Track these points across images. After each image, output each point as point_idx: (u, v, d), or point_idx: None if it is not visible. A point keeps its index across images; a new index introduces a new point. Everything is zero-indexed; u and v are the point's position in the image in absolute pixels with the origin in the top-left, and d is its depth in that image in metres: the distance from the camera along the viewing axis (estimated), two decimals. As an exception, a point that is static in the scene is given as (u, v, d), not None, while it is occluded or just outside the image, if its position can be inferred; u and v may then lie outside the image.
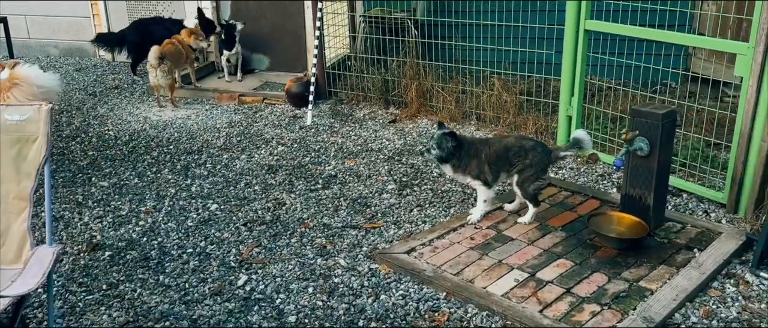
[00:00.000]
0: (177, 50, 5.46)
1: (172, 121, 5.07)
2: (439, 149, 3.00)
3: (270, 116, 5.16)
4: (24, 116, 2.16)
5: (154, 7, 6.55)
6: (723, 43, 3.54)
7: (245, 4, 6.18)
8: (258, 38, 6.20)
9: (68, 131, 4.85)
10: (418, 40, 5.04)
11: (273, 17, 6.15)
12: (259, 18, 6.16)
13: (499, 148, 3.05)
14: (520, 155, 3.04)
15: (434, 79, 4.88)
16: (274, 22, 6.16)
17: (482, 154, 3.02)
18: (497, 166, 3.04)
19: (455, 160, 3.01)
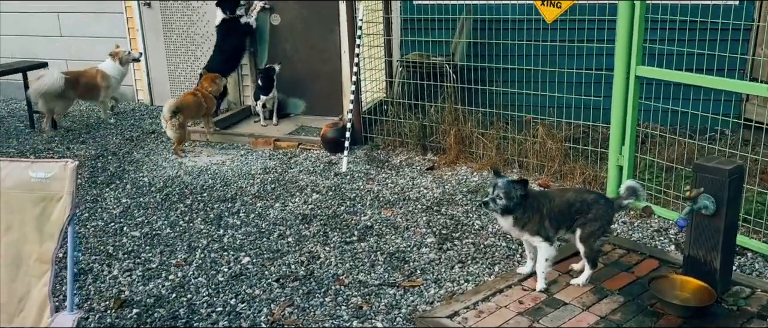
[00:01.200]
0: (197, 102, 5.36)
1: (207, 167, 5.00)
2: (506, 199, 2.70)
3: (305, 162, 5.05)
4: (49, 174, 2.06)
5: (192, 53, 6.59)
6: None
7: (282, 47, 6.15)
8: (294, 82, 6.15)
9: (103, 177, 4.81)
10: (456, 85, 4.90)
11: (310, 61, 6.10)
12: (296, 61, 6.12)
13: (561, 204, 2.83)
14: (583, 210, 2.83)
15: (474, 125, 4.71)
16: (311, 66, 6.11)
17: (544, 209, 2.80)
18: (557, 221, 2.83)
19: (520, 211, 2.76)
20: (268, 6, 6.01)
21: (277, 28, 6.10)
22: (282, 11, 6.05)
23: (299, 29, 6.07)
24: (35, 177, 2.06)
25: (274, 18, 5.94)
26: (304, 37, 6.07)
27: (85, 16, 6.82)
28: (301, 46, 6.11)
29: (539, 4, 4.02)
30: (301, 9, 5.98)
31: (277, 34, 6.14)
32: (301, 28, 6.05)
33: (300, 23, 6.04)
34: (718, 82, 3.39)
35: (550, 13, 4.01)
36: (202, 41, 6.52)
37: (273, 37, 6.15)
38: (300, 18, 6.03)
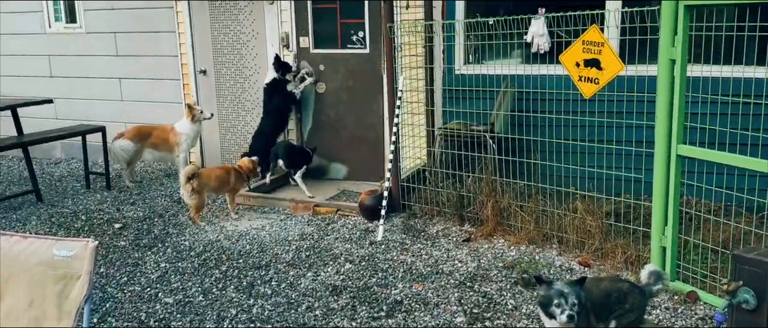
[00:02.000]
0: (223, 178, 5.43)
1: (246, 231, 5.08)
2: (580, 305, 2.53)
3: (342, 229, 5.06)
4: (71, 252, 2.13)
5: (242, 118, 6.82)
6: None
7: (326, 113, 6.28)
8: (337, 147, 6.27)
9: (147, 240, 4.95)
10: (496, 155, 4.85)
11: (353, 127, 6.20)
12: (340, 128, 6.24)
13: (599, 295, 2.73)
14: (620, 300, 2.72)
15: (512, 197, 4.63)
16: (354, 132, 6.20)
17: (588, 303, 2.69)
18: (597, 313, 2.72)
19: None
20: (314, 78, 6.19)
21: (322, 95, 6.26)
22: (328, 80, 6.22)
23: (344, 98, 6.19)
24: (58, 255, 2.14)
25: (319, 86, 6.12)
26: (348, 105, 6.19)
27: (145, 82, 7.19)
28: (345, 114, 6.23)
29: (577, 80, 3.98)
30: (347, 78, 6.14)
31: (322, 101, 6.29)
32: (346, 96, 6.17)
33: (344, 92, 6.17)
34: (762, 165, 3.23)
35: (588, 89, 3.95)
36: (252, 107, 6.75)
37: (318, 103, 6.31)
38: (344, 87, 6.16)
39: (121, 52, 7.21)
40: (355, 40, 6.01)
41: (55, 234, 5.11)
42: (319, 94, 6.24)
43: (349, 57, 6.07)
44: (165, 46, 6.98)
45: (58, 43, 7.50)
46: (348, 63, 6.09)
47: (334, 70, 6.16)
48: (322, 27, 6.16)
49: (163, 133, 6.45)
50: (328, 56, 6.16)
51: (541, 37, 4.71)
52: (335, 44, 6.10)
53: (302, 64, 6.15)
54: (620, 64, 3.78)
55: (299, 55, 6.15)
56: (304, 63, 6.16)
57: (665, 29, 3.50)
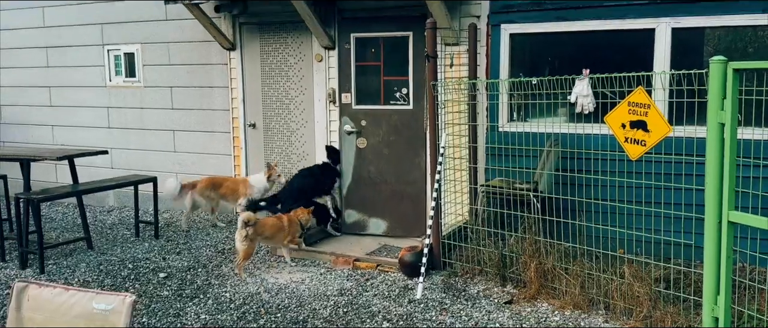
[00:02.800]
0: (277, 226, 5.52)
1: (286, 285, 5.09)
2: None
3: (381, 285, 5.02)
4: (109, 306, 2.18)
5: (288, 171, 6.94)
6: None
7: (366, 168, 6.31)
8: (377, 202, 6.27)
9: (189, 290, 5.02)
10: (539, 215, 4.77)
11: (393, 183, 6.21)
12: (380, 183, 6.25)
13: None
14: None
15: (556, 259, 4.51)
16: (395, 188, 6.21)
17: None
18: None
19: None
20: (354, 129, 6.26)
21: (363, 150, 6.29)
22: (369, 135, 6.26)
23: (385, 153, 6.23)
24: (97, 308, 2.19)
25: (360, 141, 6.17)
26: (390, 160, 6.21)
27: (197, 135, 7.44)
28: (386, 169, 6.24)
29: (623, 141, 3.90)
30: (388, 134, 6.18)
31: (362, 156, 6.31)
32: (387, 151, 6.22)
33: (386, 147, 6.21)
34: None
35: (634, 151, 3.87)
36: (298, 160, 6.87)
37: (358, 158, 6.33)
38: (386, 142, 6.20)
39: (176, 105, 7.50)
40: (398, 96, 6.10)
41: (102, 282, 5.25)
42: (359, 149, 6.28)
43: (392, 113, 6.14)
44: (217, 101, 7.24)
45: (116, 96, 7.88)
46: (390, 119, 6.16)
47: (376, 125, 6.22)
48: (365, 83, 6.30)
49: (234, 185, 6.68)
50: (370, 112, 6.24)
51: (586, 97, 4.68)
52: (378, 100, 6.20)
53: (344, 120, 6.23)
54: (667, 126, 3.70)
55: (341, 111, 6.27)
56: (346, 119, 6.24)
57: (714, 92, 3.41)
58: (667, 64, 5.06)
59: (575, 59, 5.55)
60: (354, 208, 6.41)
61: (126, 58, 7.75)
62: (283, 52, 6.78)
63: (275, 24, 6.75)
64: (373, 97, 6.26)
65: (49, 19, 8.19)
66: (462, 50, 5.81)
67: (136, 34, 7.59)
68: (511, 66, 5.73)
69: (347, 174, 6.43)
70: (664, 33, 5.07)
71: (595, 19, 5.31)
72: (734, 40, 5.10)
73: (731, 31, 5.04)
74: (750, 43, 5.02)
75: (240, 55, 6.98)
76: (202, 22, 6.70)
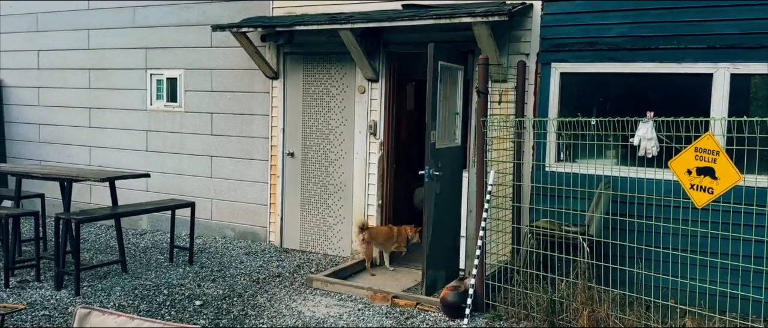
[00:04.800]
0: (389, 233, 6.21)
1: (324, 319, 4.96)
2: None
3: (422, 325, 4.87)
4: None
5: (324, 201, 6.86)
6: None
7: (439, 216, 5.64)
8: (441, 252, 5.72)
9: (226, 321, 4.91)
10: (591, 260, 4.61)
11: (449, 226, 5.91)
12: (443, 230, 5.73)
13: None
14: None
15: (611, 308, 4.34)
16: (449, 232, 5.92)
17: None
18: None
19: None
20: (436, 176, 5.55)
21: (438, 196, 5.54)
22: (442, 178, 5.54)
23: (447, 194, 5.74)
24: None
25: (437, 186, 5.46)
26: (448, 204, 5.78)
27: (235, 161, 7.42)
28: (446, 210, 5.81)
29: (688, 188, 3.77)
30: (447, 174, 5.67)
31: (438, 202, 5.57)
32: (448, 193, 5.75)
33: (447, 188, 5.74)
34: None
35: (700, 198, 3.73)
36: (335, 191, 6.80)
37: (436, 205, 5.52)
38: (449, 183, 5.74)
39: (216, 131, 7.51)
40: (453, 132, 5.96)
41: (138, 307, 5.17)
42: (437, 195, 5.49)
43: (452, 151, 5.80)
44: (257, 128, 7.23)
45: (156, 120, 7.92)
46: (450, 158, 5.73)
47: (445, 167, 5.57)
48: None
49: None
50: (442, 151, 5.55)
51: (650, 140, 4.56)
52: (444, 139, 5.68)
53: (431, 163, 5.32)
54: (738, 174, 3.57)
55: (430, 151, 5.30)
56: (433, 161, 5.35)
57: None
58: (725, 110, 4.93)
59: (625, 101, 5.44)
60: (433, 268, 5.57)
61: (168, 83, 7.81)
62: (326, 83, 6.77)
63: (320, 54, 6.76)
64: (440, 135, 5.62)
65: (94, 41, 8.31)
66: (510, 87, 5.74)
67: (180, 59, 7.66)
68: (561, 105, 5.63)
69: (429, 224, 5.41)
70: (722, 78, 4.95)
71: (649, 61, 5.22)
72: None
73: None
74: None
75: (282, 84, 6.99)
76: (248, 51, 6.73)
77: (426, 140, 5.30)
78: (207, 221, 7.64)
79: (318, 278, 5.80)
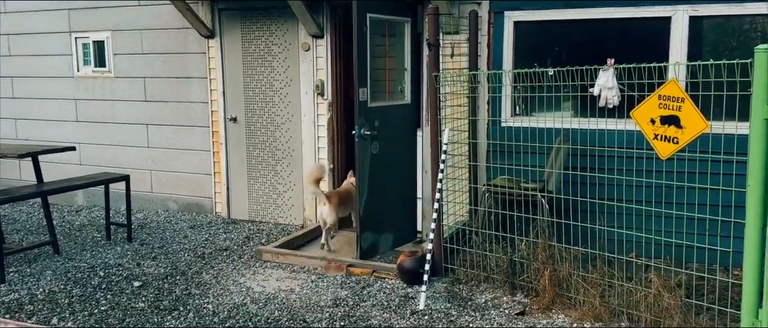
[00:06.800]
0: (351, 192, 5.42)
1: (274, 294, 4.66)
2: None
3: (379, 294, 4.61)
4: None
5: (272, 168, 6.49)
6: None
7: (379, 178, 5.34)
8: (386, 214, 5.46)
9: (167, 302, 4.55)
10: (551, 217, 4.41)
11: (398, 187, 5.64)
12: (389, 191, 5.48)
13: None
14: None
15: (573, 266, 4.16)
16: (399, 192, 5.64)
17: None
18: None
19: None
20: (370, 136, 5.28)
21: (376, 156, 5.31)
22: (380, 137, 5.30)
23: (391, 155, 5.46)
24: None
25: (374, 147, 5.27)
26: (394, 163, 5.52)
27: (173, 129, 6.93)
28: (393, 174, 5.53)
29: (652, 138, 3.55)
30: (393, 132, 5.44)
31: (376, 163, 5.31)
32: (392, 154, 5.47)
33: (391, 149, 5.45)
34: None
35: (664, 149, 3.52)
36: (283, 157, 6.42)
37: (372, 166, 5.26)
38: (391, 143, 5.44)
39: (150, 97, 6.98)
40: (399, 89, 5.64)
41: (70, 292, 4.75)
42: (373, 155, 5.26)
43: (396, 109, 5.51)
44: (195, 92, 6.74)
45: (85, 87, 7.32)
46: (394, 116, 5.45)
47: (385, 126, 5.31)
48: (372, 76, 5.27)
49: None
50: (381, 110, 5.26)
51: (611, 89, 4.33)
52: (385, 96, 5.50)
53: (361, 122, 5.08)
54: (704, 122, 3.36)
55: (359, 110, 5.04)
56: (363, 120, 5.10)
57: (759, 84, 3.08)
58: (684, 55, 4.74)
59: (582, 50, 5.20)
60: (371, 230, 5.35)
61: (95, 47, 7.20)
62: (267, 41, 6.31)
63: (258, 10, 6.27)
64: (381, 92, 5.48)
65: (10, 4, 7.57)
66: (462, 39, 5.42)
67: (107, 20, 7.03)
68: (515, 56, 5.36)
69: (363, 189, 5.19)
70: (681, 21, 4.75)
71: (606, 5, 4.97)
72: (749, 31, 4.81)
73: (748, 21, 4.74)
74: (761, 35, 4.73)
75: (219, 43, 6.49)
76: (179, 8, 6.18)
77: (355, 99, 5.02)
78: (147, 194, 7.17)
79: (268, 249, 5.48)
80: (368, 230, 5.28)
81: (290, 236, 5.85)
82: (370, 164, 5.22)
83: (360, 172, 5.14)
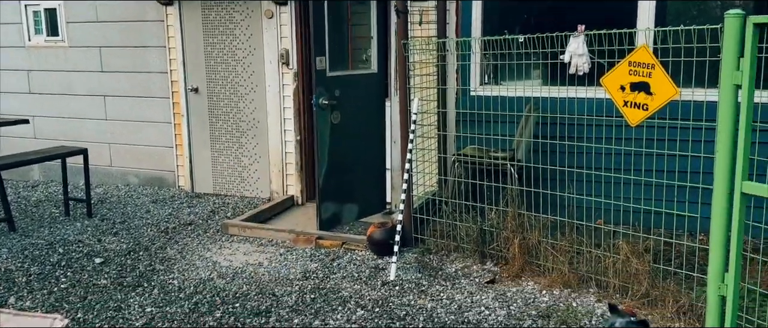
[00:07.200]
0: None
1: (242, 268, 4.56)
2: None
3: (349, 266, 4.56)
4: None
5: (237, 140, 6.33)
6: None
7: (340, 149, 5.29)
8: (350, 186, 5.39)
9: (131, 278, 4.42)
10: (520, 186, 4.40)
11: (364, 157, 5.56)
12: (351, 161, 5.39)
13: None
14: None
15: (542, 234, 4.17)
16: (365, 163, 5.57)
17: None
18: None
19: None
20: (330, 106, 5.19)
21: (337, 126, 5.26)
22: (342, 107, 5.24)
23: (354, 125, 5.39)
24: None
25: (334, 116, 5.19)
26: (359, 134, 5.45)
27: (132, 100, 6.68)
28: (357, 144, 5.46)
29: (621, 105, 3.54)
30: (357, 102, 5.36)
31: (337, 133, 5.26)
32: (356, 123, 5.40)
33: (356, 119, 5.38)
34: None
35: (634, 116, 3.52)
36: (248, 129, 6.26)
37: (333, 136, 5.22)
38: (356, 113, 5.36)
39: (107, 67, 6.71)
40: (364, 58, 5.53)
41: (28, 270, 4.56)
42: (333, 125, 5.19)
43: (360, 78, 5.44)
44: (154, 62, 6.49)
45: (38, 57, 6.99)
46: (359, 85, 5.38)
47: (347, 96, 5.25)
48: (333, 44, 5.21)
49: None
50: (342, 79, 5.20)
51: (581, 56, 4.30)
52: (346, 65, 5.42)
53: (319, 90, 5.02)
54: (674, 88, 3.35)
55: (316, 78, 5.00)
56: (321, 89, 5.04)
57: (729, 50, 3.07)
58: (652, 21, 4.73)
59: (549, 18, 5.16)
60: (332, 200, 5.30)
61: (46, 14, 6.85)
62: (228, 8, 6.09)
63: (219, -25, 6.04)
64: (343, 61, 5.33)
65: (-48, -32, 7.14)
66: (430, 6, 5.32)
67: (58, -14, 6.70)
68: (484, 23, 5.29)
69: (323, 160, 5.14)
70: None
71: (575, -28, 4.91)
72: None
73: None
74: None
75: (178, 10, 6.24)
76: (135, -27, 5.91)
77: (312, 67, 4.95)
78: (106, 168, 6.94)
79: (234, 223, 5.36)
80: (328, 200, 5.23)
81: (257, 209, 5.74)
82: (330, 133, 5.16)
83: (319, 142, 5.09)
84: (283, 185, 6.17)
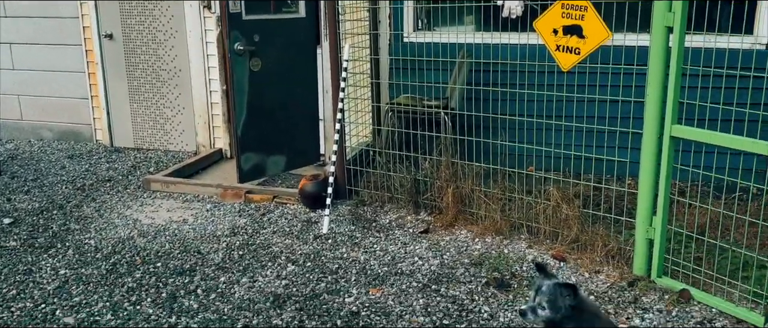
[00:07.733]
0: None
1: (165, 226, 4.32)
2: (551, 310, 2.15)
3: (280, 220, 4.40)
4: None
5: (158, 91, 5.95)
6: None
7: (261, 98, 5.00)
8: (274, 136, 5.13)
9: (43, 239, 4.11)
10: (454, 135, 4.32)
11: (291, 107, 5.32)
12: (276, 110, 5.16)
13: None
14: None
15: (475, 183, 4.12)
16: (292, 114, 5.33)
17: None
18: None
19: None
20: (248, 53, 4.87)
21: (257, 74, 4.96)
22: (262, 54, 4.93)
23: (279, 74, 5.11)
24: None
25: (254, 63, 4.89)
26: (285, 82, 5.17)
27: (41, 48, 6.16)
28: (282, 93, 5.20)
29: (554, 50, 3.47)
30: (282, 50, 5.06)
31: (257, 81, 4.95)
32: (282, 72, 5.08)
33: (280, 67, 5.06)
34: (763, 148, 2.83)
35: (566, 60, 3.45)
36: (169, 78, 5.89)
37: (253, 85, 4.92)
38: (280, 60, 5.06)
39: (11, 12, 6.12)
40: (290, 2, 5.23)
41: (-76, 235, 4.18)
42: (253, 72, 4.91)
43: (284, 23, 5.15)
44: (63, 6, 5.96)
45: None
46: (283, 31, 5.07)
47: (269, 41, 4.96)
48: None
49: None
50: (262, 23, 4.89)
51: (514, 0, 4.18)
52: (268, 9, 5.06)
53: (234, 35, 4.75)
54: (606, 31, 3.30)
55: (230, 22, 4.71)
56: (237, 34, 4.77)
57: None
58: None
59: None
60: (253, 151, 5.05)
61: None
62: (144, -54, 5.62)
63: None
64: (263, 4, 4.97)
65: None
66: (361, -54, 5.05)
67: None
68: (417, -34, 5.08)
69: (241, 108, 4.88)
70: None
71: None
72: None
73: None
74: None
75: (88, -51, 5.72)
76: None
77: (222, 9, 4.66)
78: (16, 121, 6.44)
79: (157, 179, 5.07)
80: (249, 150, 4.99)
81: (182, 164, 5.46)
82: (249, 81, 4.89)
83: (236, 90, 4.82)
84: (210, 137, 5.88)
